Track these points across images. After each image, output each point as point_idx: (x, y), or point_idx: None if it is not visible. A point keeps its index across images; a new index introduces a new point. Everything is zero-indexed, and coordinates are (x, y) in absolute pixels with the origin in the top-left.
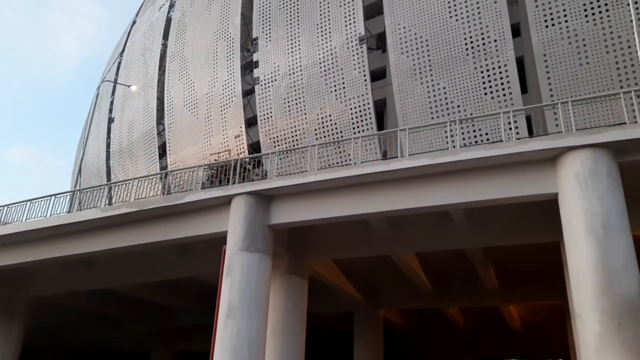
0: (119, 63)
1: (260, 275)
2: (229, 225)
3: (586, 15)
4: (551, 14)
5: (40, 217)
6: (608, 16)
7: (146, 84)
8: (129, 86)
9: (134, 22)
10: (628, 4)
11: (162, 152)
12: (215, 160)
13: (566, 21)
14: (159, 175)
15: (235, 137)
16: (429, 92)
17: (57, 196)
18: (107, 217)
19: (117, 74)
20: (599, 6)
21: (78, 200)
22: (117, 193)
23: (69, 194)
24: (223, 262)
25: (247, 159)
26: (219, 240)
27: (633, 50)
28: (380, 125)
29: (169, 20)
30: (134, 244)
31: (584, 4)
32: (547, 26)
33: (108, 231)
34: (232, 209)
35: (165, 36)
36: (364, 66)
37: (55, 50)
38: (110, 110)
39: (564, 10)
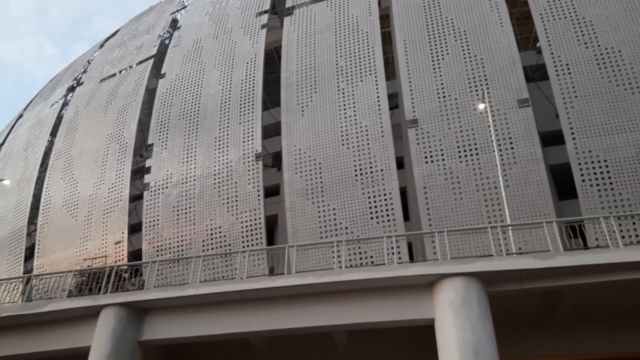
0: None
1: None
2: (94, 340)
3: (460, 157)
4: (430, 151)
5: None
6: (478, 159)
7: (23, 180)
8: (1, 180)
9: (21, 116)
10: (494, 150)
11: (30, 254)
12: (89, 266)
13: (443, 159)
14: (20, 280)
15: (116, 243)
16: (319, 211)
17: None
18: None
19: None
20: (471, 150)
21: None
22: None
23: None
24: None
25: (125, 267)
26: (85, 356)
27: (499, 190)
28: (271, 241)
29: (60, 118)
30: None
31: (458, 147)
32: (427, 162)
33: None
34: (100, 321)
35: (54, 133)
36: (258, 182)
37: None
38: None
39: (441, 149)
